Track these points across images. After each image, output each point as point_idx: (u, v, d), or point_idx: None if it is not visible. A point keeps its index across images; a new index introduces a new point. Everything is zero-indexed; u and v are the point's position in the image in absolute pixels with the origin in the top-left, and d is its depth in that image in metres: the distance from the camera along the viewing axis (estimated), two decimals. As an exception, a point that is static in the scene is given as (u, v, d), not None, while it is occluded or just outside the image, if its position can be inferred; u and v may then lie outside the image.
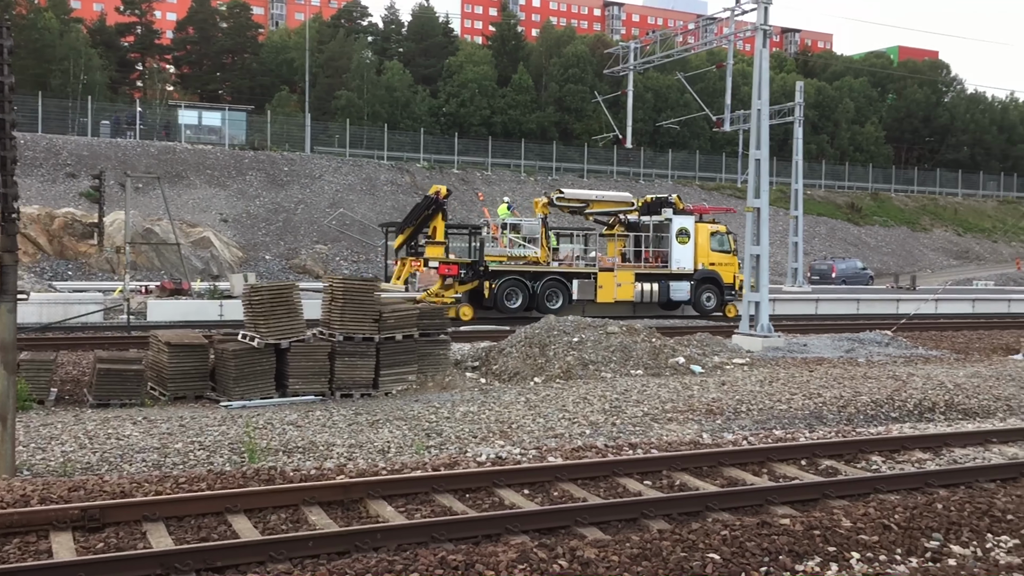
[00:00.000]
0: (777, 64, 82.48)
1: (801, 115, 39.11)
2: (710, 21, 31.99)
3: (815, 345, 20.85)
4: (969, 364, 18.60)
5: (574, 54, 70.21)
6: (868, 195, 68.25)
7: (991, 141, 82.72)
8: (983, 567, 6.45)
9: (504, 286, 26.85)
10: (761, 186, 21.20)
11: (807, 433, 11.22)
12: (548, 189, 54.75)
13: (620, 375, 15.85)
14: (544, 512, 7.20)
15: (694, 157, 64.08)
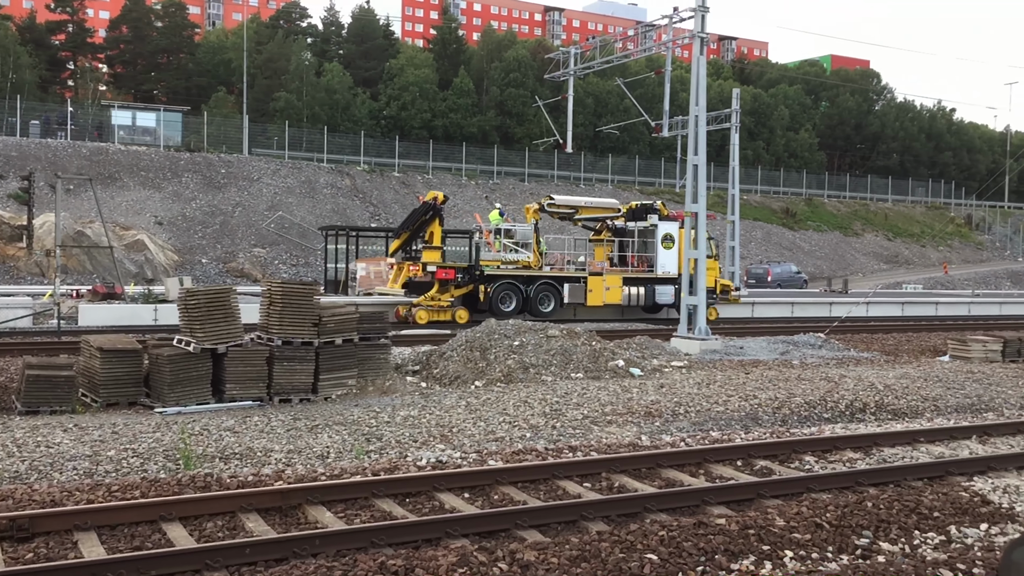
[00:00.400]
0: (714, 71, 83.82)
1: (738, 121, 39.74)
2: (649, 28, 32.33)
3: (751, 347, 21.22)
4: (898, 366, 19.10)
5: (515, 59, 70.47)
6: (802, 200, 69.67)
7: (919, 149, 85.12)
8: (911, 563, 6.64)
9: (499, 290, 27.47)
10: (699, 191, 21.51)
11: (743, 434, 11.42)
12: (489, 193, 54.83)
13: (561, 378, 15.94)
14: (484, 515, 7.21)
15: (634, 162, 64.73)
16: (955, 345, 21.27)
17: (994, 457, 9.88)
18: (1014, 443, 11.10)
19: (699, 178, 21.56)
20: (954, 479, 9.08)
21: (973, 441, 11.07)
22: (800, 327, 27.18)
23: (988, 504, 8.29)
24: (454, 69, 70.30)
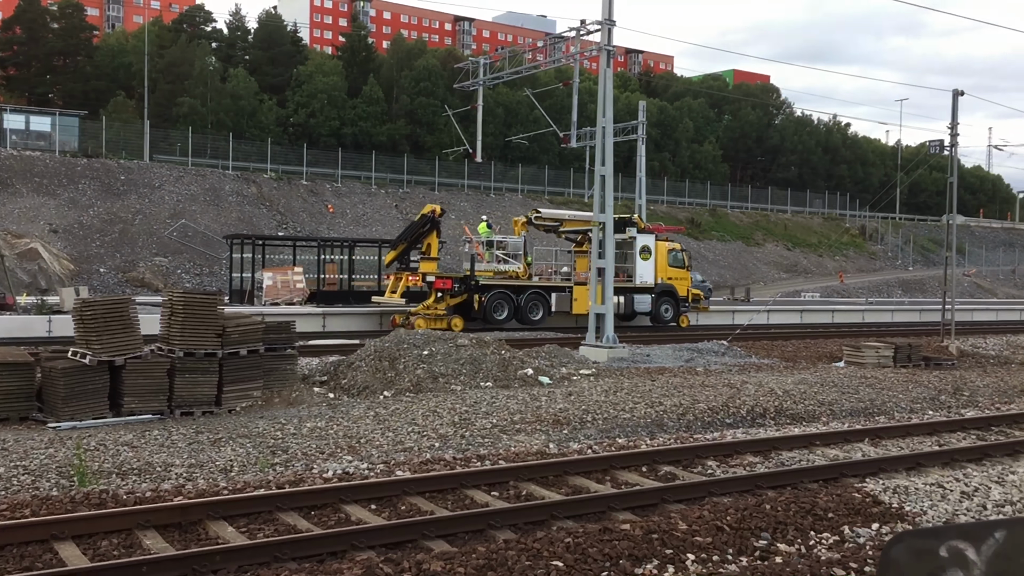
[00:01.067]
0: (622, 84, 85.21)
1: (644, 133, 40.47)
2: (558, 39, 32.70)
3: (657, 355, 21.60)
4: (797, 371, 19.71)
5: (425, 67, 70.32)
6: (707, 211, 71.31)
7: (817, 161, 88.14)
8: (806, 563, 6.86)
9: (492, 299, 28.30)
10: (606, 201, 21.82)
11: (648, 440, 11.63)
12: (399, 201, 54.54)
13: (470, 387, 15.94)
14: (391, 527, 7.17)
15: (543, 172, 65.24)
16: (850, 351, 22.05)
17: (885, 459, 10.29)
18: (903, 445, 11.58)
19: (607, 188, 21.88)
20: (848, 481, 9.42)
21: (866, 444, 11.50)
22: (704, 335, 27.79)
23: (879, 504, 8.62)
24: (363, 77, 69.74)
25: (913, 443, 11.72)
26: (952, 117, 26.68)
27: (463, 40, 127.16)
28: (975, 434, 12.44)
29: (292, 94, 66.99)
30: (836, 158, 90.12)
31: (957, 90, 26.69)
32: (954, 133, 26.85)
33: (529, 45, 46.73)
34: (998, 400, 16.47)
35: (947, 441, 11.90)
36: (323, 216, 49.89)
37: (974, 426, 12.87)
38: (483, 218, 34.73)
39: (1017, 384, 18.71)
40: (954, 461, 10.47)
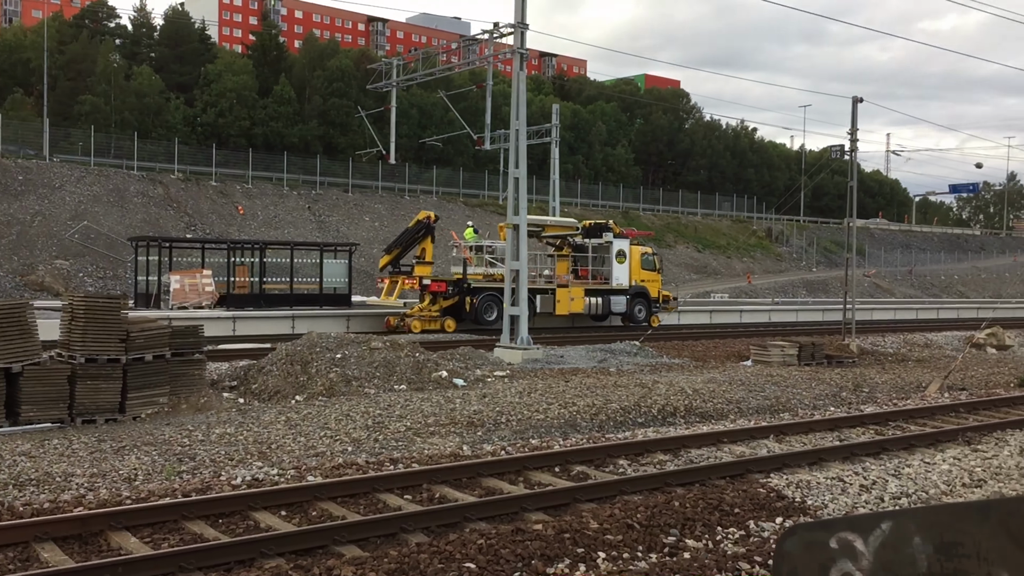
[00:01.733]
0: (535, 87, 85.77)
1: (558, 136, 40.86)
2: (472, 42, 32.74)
3: (571, 356, 21.80)
4: (707, 371, 20.15)
5: (338, 68, 69.52)
6: (620, 213, 72.25)
7: (725, 165, 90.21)
8: (713, 558, 7.02)
9: (483, 301, 29.50)
10: (520, 203, 21.93)
11: (561, 441, 11.73)
12: (312, 203, 53.74)
13: (384, 390, 15.84)
14: (301, 533, 7.08)
15: (458, 174, 65.19)
16: (757, 350, 22.65)
17: (788, 455, 10.60)
18: (806, 441, 11.95)
19: (520, 191, 21.99)
20: (753, 476, 9.68)
21: (771, 440, 11.83)
22: (617, 335, 28.17)
23: (783, 499, 8.88)
24: (275, 76, 68.56)
25: (815, 439, 12.11)
26: (852, 123, 27.66)
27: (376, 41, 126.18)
28: (873, 429, 12.91)
29: (200, 93, 65.43)
30: (744, 162, 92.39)
31: (856, 97, 27.68)
32: (854, 139, 27.82)
33: (443, 47, 46.63)
34: (895, 396, 17.13)
35: (847, 436, 12.32)
36: (233, 218, 48.86)
37: (873, 421, 13.36)
38: (469, 224, 35.66)
39: (913, 380, 19.49)
40: (854, 456, 10.85)
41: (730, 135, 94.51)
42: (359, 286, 40.85)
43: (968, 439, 12.01)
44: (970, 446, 11.66)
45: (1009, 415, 14.10)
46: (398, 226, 54.89)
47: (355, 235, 49.99)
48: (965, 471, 10.35)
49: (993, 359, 25.28)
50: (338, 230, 51.63)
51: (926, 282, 73.78)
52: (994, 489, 9.78)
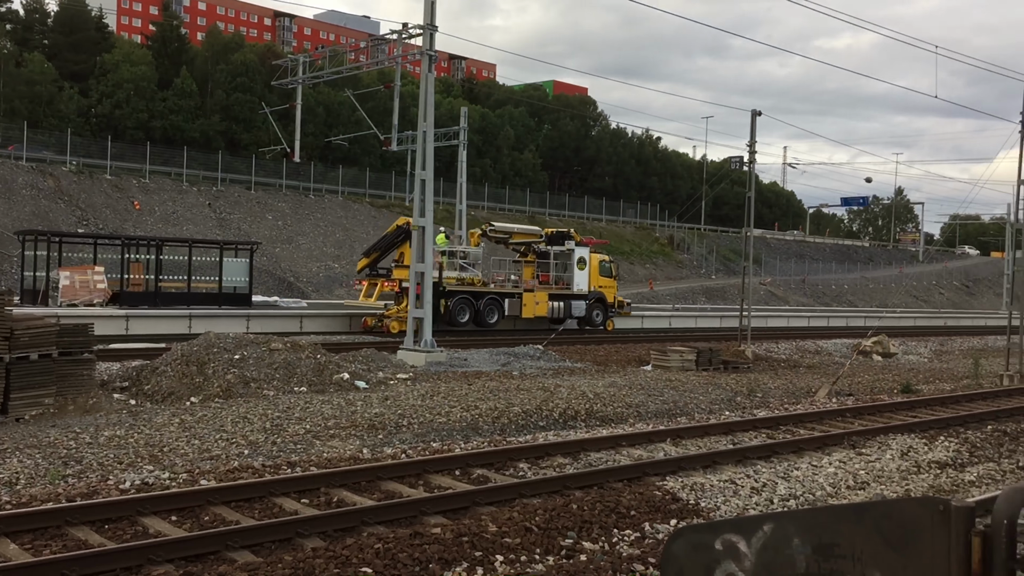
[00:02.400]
0: (444, 89, 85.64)
1: (466, 139, 40.85)
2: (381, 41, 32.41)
3: (475, 359, 21.83)
4: (608, 375, 20.44)
5: (242, 62, 68.06)
6: (526, 217, 72.70)
7: (630, 173, 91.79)
8: (608, 560, 7.13)
9: (457, 304, 30.61)
10: (426, 206, 21.86)
11: (463, 444, 11.73)
12: (213, 200, 52.43)
13: (284, 392, 15.57)
14: (192, 538, 6.89)
15: (365, 174, 64.58)
16: (657, 355, 23.10)
17: (684, 458, 10.84)
18: (702, 444, 12.23)
19: (427, 193, 21.92)
20: (650, 479, 9.86)
21: (668, 444, 12.07)
22: (521, 339, 28.32)
23: (678, 501, 9.08)
24: (175, 69, 66.68)
25: (710, 442, 12.41)
26: (751, 135, 28.50)
27: (283, 37, 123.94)
28: (765, 433, 13.30)
29: (96, 83, 63.18)
30: (648, 170, 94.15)
31: (755, 111, 28.54)
32: (752, 151, 28.67)
33: (351, 45, 46.13)
34: (786, 401, 17.71)
35: (741, 440, 12.67)
36: (129, 213, 47.30)
37: (765, 426, 13.77)
38: (441, 229, 36.18)
39: (804, 386, 20.18)
40: (746, 459, 11.16)
41: (635, 143, 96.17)
42: (260, 286, 40.02)
43: (853, 443, 12.49)
44: (855, 450, 12.13)
45: (892, 420, 14.72)
46: (302, 226, 54.10)
47: (257, 234, 49.02)
48: (850, 474, 10.77)
49: (878, 366, 26.37)
50: (239, 228, 50.54)
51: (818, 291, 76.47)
52: (876, 491, 10.20)
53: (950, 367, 26.85)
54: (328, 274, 50.80)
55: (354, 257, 53.81)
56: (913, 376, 23.25)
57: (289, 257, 50.38)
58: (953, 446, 12.71)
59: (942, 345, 35.64)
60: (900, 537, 2.39)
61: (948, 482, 10.87)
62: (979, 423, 14.70)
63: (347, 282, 50.72)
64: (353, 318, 31.21)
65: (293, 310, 31.34)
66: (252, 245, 33.83)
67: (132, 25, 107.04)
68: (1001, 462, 12.10)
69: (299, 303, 34.46)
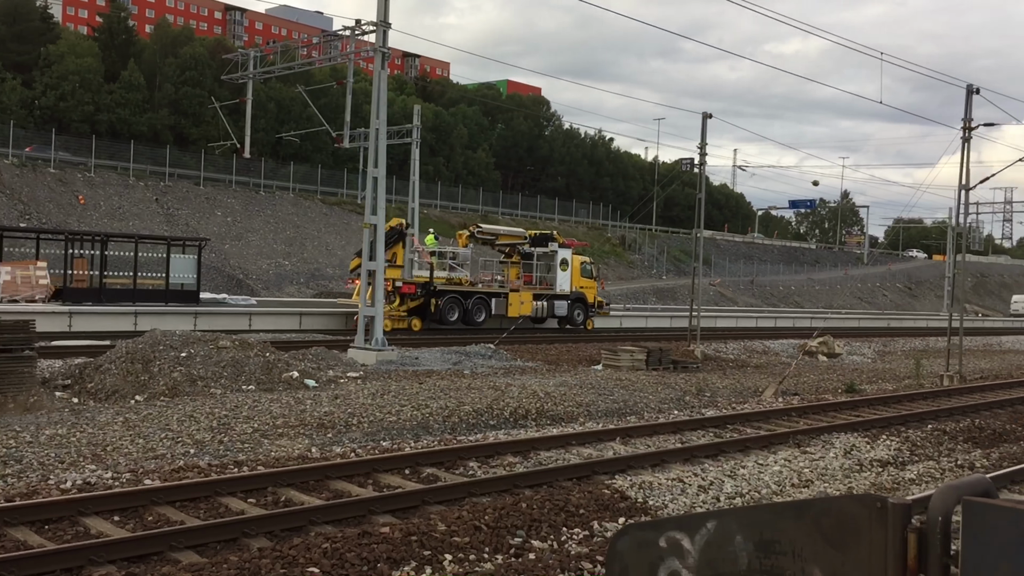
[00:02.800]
0: (397, 86, 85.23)
1: (419, 137, 40.67)
2: (334, 37, 32.18)
3: (426, 358, 21.76)
4: (559, 374, 20.52)
5: (192, 56, 67.02)
6: (479, 216, 72.66)
7: (583, 173, 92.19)
8: (557, 558, 7.16)
9: (447, 303, 31.50)
10: (379, 203, 21.74)
11: (413, 443, 11.70)
12: (160, 195, 51.56)
13: (231, 391, 15.38)
14: (134, 539, 6.78)
15: (316, 171, 64.02)
16: (607, 355, 23.24)
17: (633, 456, 10.93)
18: (650, 443, 12.34)
19: (379, 191, 21.80)
20: (599, 478, 9.92)
21: (617, 442, 12.16)
22: (473, 338, 28.30)
23: (626, 499, 9.15)
24: (123, 62, 65.43)
25: (659, 441, 12.52)
26: (702, 138, 28.83)
27: (234, 31, 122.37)
28: (713, 432, 13.47)
29: (40, 75, 61.76)
30: (600, 171, 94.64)
31: (706, 113, 28.86)
32: (703, 153, 29.00)
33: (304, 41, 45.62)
34: (734, 400, 17.94)
35: (689, 439, 12.80)
36: (73, 208, 46.35)
37: (712, 424, 13.94)
38: (430, 231, 37.51)
39: (751, 385, 20.46)
40: (694, 457, 11.29)
41: (588, 144, 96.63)
42: (208, 283, 39.48)
43: (798, 442, 12.70)
44: (800, 448, 12.33)
45: (836, 419, 15.00)
46: (252, 222, 53.46)
47: (206, 230, 48.35)
48: (794, 472, 10.95)
49: (824, 366, 26.83)
50: (188, 224, 49.81)
51: (766, 292, 77.59)
52: (820, 489, 10.39)
53: (893, 367, 27.42)
54: (279, 272, 50.30)
55: (304, 255, 53.37)
56: (857, 376, 23.69)
57: (239, 254, 49.79)
58: (895, 445, 12.99)
59: (885, 346, 36.38)
60: (839, 534, 2.44)
61: (889, 480, 11.10)
62: (920, 422, 15.04)
63: (298, 280, 50.25)
64: (228, 317, 29.55)
65: (242, 308, 30.97)
66: (200, 241, 33.35)
67: (78, 16, 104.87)
68: (940, 460, 12.39)
69: (248, 301, 34.08)
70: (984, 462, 12.46)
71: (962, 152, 23.40)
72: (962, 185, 23.33)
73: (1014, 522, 2.24)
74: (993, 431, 14.65)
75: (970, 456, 12.82)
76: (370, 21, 23.08)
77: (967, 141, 23.46)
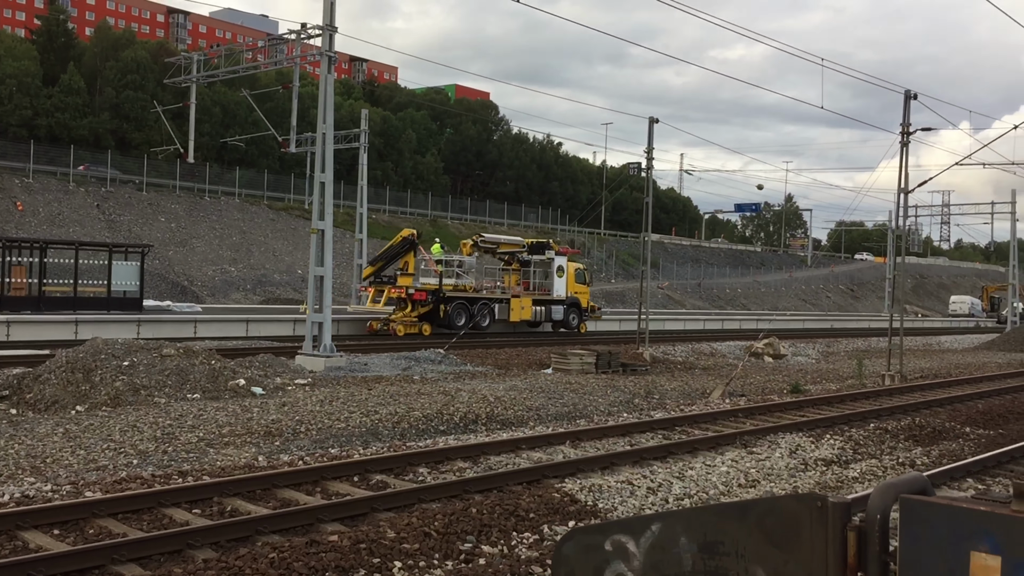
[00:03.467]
0: (345, 91, 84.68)
1: (366, 142, 40.53)
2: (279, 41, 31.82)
3: (375, 364, 21.62)
4: (509, 378, 20.52)
5: (134, 59, 65.84)
6: (428, 221, 72.51)
7: (531, 177, 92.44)
8: (507, 563, 7.15)
9: (455, 308, 32.93)
10: (326, 209, 21.55)
11: (362, 450, 11.60)
12: (101, 201, 50.54)
13: (176, 400, 15.12)
14: (74, 552, 6.62)
15: (263, 176, 63.30)
16: (557, 359, 23.31)
17: (583, 460, 10.97)
18: (600, 446, 12.40)
19: (327, 196, 21.61)
20: (549, 482, 9.93)
21: (567, 446, 12.20)
22: (422, 344, 28.19)
23: (576, 503, 9.17)
24: (62, 65, 64.07)
25: (608, 444, 12.58)
26: (648, 142, 29.09)
27: (177, 34, 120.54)
28: (662, 434, 13.57)
29: (-25, 77, 60.22)
30: (549, 175, 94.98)
31: (653, 118, 29.13)
32: (650, 157, 29.26)
33: (249, 44, 45.12)
34: (682, 402, 18.11)
35: (638, 441, 12.89)
36: (11, 214, 45.25)
37: (661, 427, 14.05)
38: (436, 240, 39.23)
39: (699, 387, 20.68)
40: (643, 460, 11.36)
41: (537, 148, 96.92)
42: (152, 290, 38.80)
43: (745, 442, 12.86)
44: (747, 449, 12.49)
45: (782, 419, 15.22)
46: (197, 228, 52.68)
47: (149, 236, 47.53)
48: (741, 472, 11.08)
49: (769, 367, 27.23)
50: (130, 230, 48.93)
51: (713, 294, 78.54)
52: (766, 489, 10.53)
53: (836, 368, 27.92)
54: (224, 278, 49.62)
55: (251, 261, 52.74)
56: (802, 377, 24.08)
57: (183, 260, 49.03)
58: (838, 444, 13.22)
59: (829, 347, 37.03)
60: (781, 533, 2.47)
61: (833, 479, 11.29)
62: (863, 421, 15.33)
63: (244, 286, 49.60)
64: (174, 324, 29.20)
65: (187, 315, 30.49)
66: (143, 248, 32.76)
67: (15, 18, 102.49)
68: (883, 458, 12.64)
69: (193, 308, 33.56)
70: (924, 459, 12.74)
71: (901, 156, 23.94)
72: (901, 188, 23.85)
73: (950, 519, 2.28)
74: (933, 429, 14.98)
75: (911, 454, 13.10)
76: (316, 25, 22.92)
77: (905, 145, 24.00)
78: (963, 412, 16.96)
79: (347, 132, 40.12)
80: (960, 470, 11.40)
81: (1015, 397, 19.79)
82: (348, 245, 50.13)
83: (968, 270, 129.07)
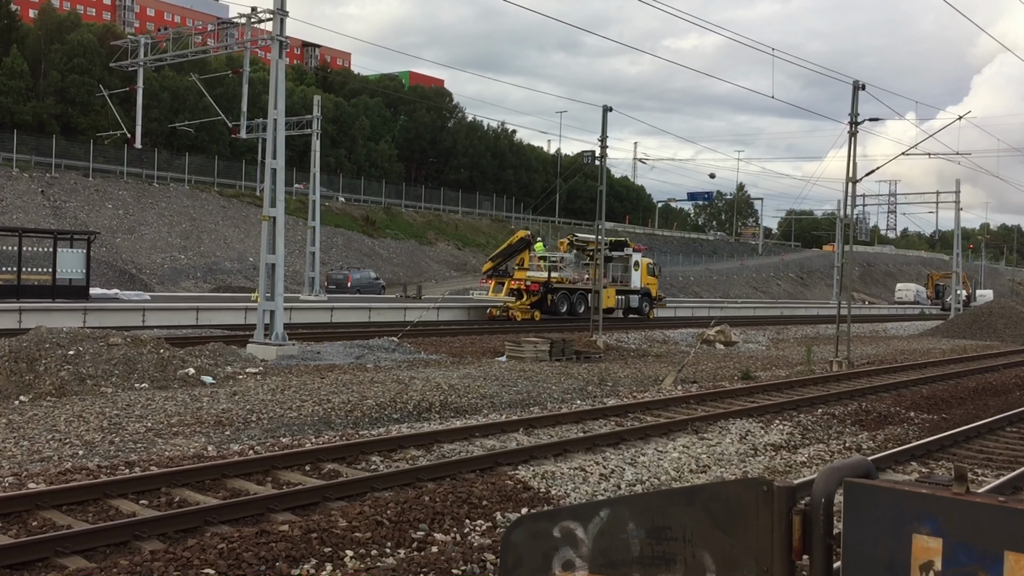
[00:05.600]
0: (297, 76, 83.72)
1: (319, 128, 40.08)
2: (229, 25, 31.31)
3: (328, 352, 21.46)
4: (463, 366, 20.51)
5: (79, 42, 64.30)
6: (382, 209, 72.09)
7: (486, 165, 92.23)
8: (460, 550, 7.15)
9: (559, 298, 39.03)
10: (278, 195, 21.31)
11: (314, 439, 11.51)
12: (46, 187, 49.39)
13: (123, 389, 14.88)
14: (16, 545, 6.49)
15: (213, 162, 62.34)
16: (511, 346, 23.33)
17: (536, 447, 11.00)
18: (553, 433, 12.45)
19: (278, 182, 21.36)
20: (502, 469, 9.95)
21: (520, 433, 12.22)
22: (377, 331, 28.03)
23: (529, 490, 9.20)
24: (4, 48, 62.35)
25: (562, 431, 12.64)
26: (602, 131, 29.15)
27: (124, 17, 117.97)
28: (614, 420, 13.66)
29: (-88, 59, 58.41)
30: (503, 163, 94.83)
31: (606, 106, 29.20)
32: (604, 145, 29.33)
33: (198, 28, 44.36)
34: (635, 389, 18.25)
35: (591, 428, 12.96)
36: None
37: (614, 413, 14.14)
38: (538, 239, 43.32)
39: (651, 374, 20.85)
40: (596, 446, 11.43)
41: (491, 136, 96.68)
42: (99, 278, 38.07)
43: (696, 428, 12.99)
44: (698, 435, 12.62)
45: (732, 406, 15.40)
46: (145, 215, 51.77)
47: (96, 223, 46.61)
48: (692, 458, 11.20)
49: (721, 354, 27.55)
50: (76, 217, 47.95)
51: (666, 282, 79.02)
52: (717, 474, 10.65)
53: (786, 354, 28.33)
54: (174, 266, 48.88)
55: (201, 248, 52.01)
56: (752, 363, 24.39)
57: (131, 248, 48.20)
58: (787, 429, 13.42)
59: (779, 333, 37.58)
60: (727, 518, 2.49)
61: (782, 463, 11.47)
62: (811, 407, 15.58)
63: (194, 274, 48.90)
64: (118, 313, 28.44)
65: (135, 303, 29.98)
66: (89, 235, 32.12)
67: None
68: (830, 443, 12.86)
69: (142, 296, 33.02)
70: (870, 444, 12.98)
71: (849, 146, 24.30)
72: (849, 178, 24.21)
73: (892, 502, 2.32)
74: (879, 414, 15.28)
75: (857, 438, 13.35)
76: (267, 9, 22.59)
77: (854, 135, 24.36)
78: (908, 397, 17.32)
79: (299, 118, 39.64)
80: (904, 454, 11.65)
81: (958, 382, 20.26)
82: (301, 233, 49.60)
83: (914, 258, 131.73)
